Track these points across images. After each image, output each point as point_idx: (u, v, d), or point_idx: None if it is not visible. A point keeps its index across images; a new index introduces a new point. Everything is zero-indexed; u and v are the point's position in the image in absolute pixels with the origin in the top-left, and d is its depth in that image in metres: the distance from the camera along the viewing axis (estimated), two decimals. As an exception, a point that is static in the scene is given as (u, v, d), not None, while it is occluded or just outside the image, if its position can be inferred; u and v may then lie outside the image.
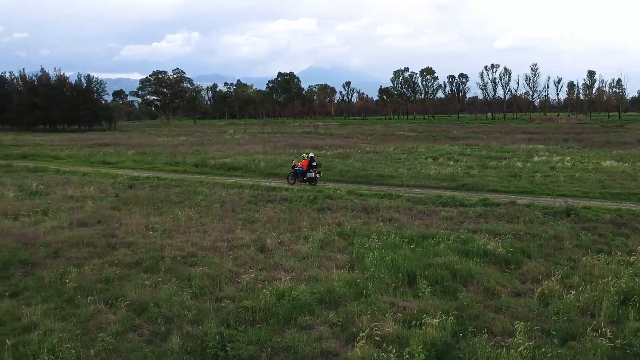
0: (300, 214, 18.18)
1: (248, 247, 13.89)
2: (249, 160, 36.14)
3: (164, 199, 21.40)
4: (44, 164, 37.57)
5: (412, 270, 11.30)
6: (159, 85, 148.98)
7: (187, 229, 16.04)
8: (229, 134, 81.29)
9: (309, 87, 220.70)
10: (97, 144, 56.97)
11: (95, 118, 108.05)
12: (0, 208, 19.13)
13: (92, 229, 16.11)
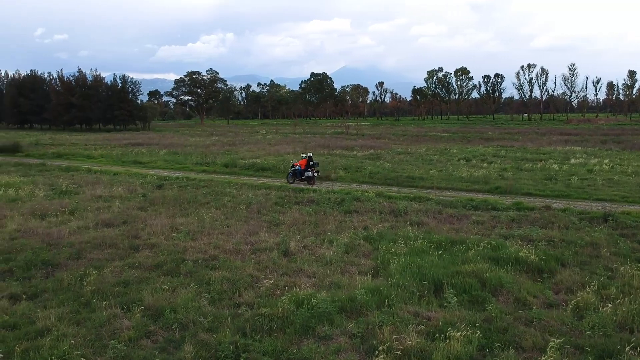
0: (326, 217, 17.83)
1: (271, 250, 13.60)
2: (279, 160, 35.93)
3: (190, 199, 21.30)
4: (77, 163, 38.06)
5: (438, 278, 10.82)
6: (193, 85, 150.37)
7: (211, 231, 15.85)
8: (261, 134, 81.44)
9: (341, 87, 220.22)
10: (130, 144, 57.60)
11: (130, 118, 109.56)
12: (29, 207, 19.27)
13: (117, 230, 16.05)
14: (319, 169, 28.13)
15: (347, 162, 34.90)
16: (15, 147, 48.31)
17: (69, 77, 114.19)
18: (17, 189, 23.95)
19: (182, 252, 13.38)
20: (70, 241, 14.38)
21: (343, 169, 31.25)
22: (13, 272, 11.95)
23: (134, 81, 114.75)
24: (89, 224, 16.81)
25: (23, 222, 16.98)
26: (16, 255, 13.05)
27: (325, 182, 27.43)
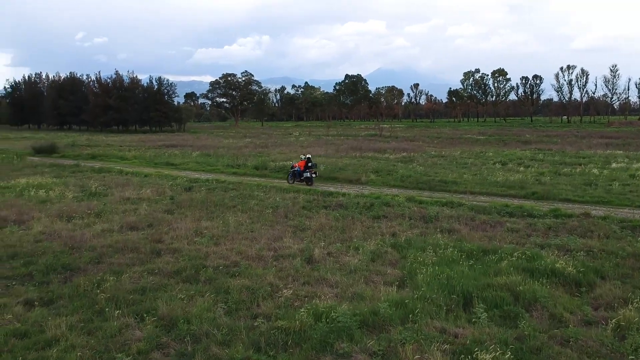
0: (353, 222, 17.31)
1: (295, 257, 13.16)
2: (310, 163, 35.51)
3: (218, 202, 21.05)
4: (110, 165, 38.39)
5: (468, 291, 10.20)
6: (228, 87, 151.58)
7: (235, 236, 15.51)
8: (294, 136, 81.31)
9: (376, 89, 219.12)
10: (164, 145, 58.09)
11: (165, 119, 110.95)
12: (57, 209, 19.29)
13: (141, 234, 15.86)
14: (317, 170, 28.82)
15: (378, 165, 34.29)
16: (52, 148, 49.12)
17: (107, 79, 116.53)
18: (48, 190, 24.11)
19: (204, 258, 13.05)
20: (92, 245, 14.22)
21: (374, 172, 30.63)
22: (33, 276, 11.79)
23: (169, 83, 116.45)
24: (114, 226, 16.68)
25: (49, 224, 16.94)
26: (38, 259, 12.93)
27: (356, 185, 26.90)
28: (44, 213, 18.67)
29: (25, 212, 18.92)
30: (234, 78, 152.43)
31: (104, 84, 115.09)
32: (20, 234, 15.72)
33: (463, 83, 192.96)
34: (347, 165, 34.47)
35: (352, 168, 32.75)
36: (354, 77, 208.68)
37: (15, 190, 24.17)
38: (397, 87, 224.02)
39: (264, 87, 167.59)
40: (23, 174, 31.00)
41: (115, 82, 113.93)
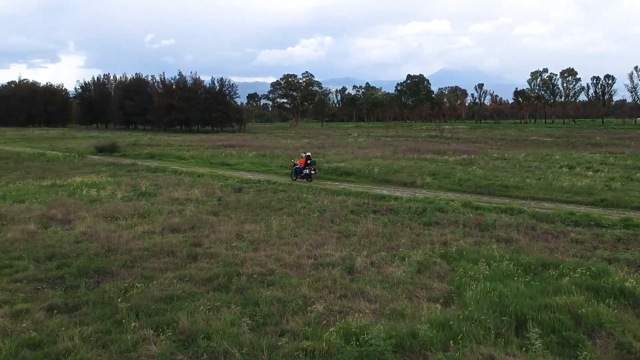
0: (402, 229, 16.31)
1: (335, 266, 12.32)
2: (364, 165, 34.56)
3: (264, 204, 20.48)
4: (167, 164, 38.66)
5: (522, 312, 9.06)
6: (289, 88, 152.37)
7: (277, 241, 14.83)
8: (352, 137, 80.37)
9: (439, 90, 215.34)
10: (222, 145, 58.41)
11: (226, 120, 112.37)
12: (103, 209, 19.18)
13: (181, 236, 15.41)
14: (316, 167, 30.22)
15: (436, 168, 32.97)
16: (113, 147, 50.16)
17: (171, 80, 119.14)
18: (100, 189, 24.25)
19: (240, 265, 12.40)
20: (128, 247, 13.84)
21: (430, 175, 29.37)
22: (64, 280, 11.47)
23: (231, 84, 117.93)
24: (156, 228, 16.33)
25: (92, 224, 16.78)
26: (72, 261, 12.63)
27: (410, 189, 25.78)
28: (91, 213, 18.60)
29: (72, 211, 18.93)
30: (295, 79, 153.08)
31: (168, 85, 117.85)
32: (62, 234, 15.58)
33: (530, 83, 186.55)
34: (403, 167, 33.33)
35: (407, 170, 31.60)
36: (415, 77, 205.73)
37: (69, 189, 24.42)
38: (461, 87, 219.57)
39: (324, 87, 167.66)
40: (80, 173, 31.54)
41: (178, 83, 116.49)
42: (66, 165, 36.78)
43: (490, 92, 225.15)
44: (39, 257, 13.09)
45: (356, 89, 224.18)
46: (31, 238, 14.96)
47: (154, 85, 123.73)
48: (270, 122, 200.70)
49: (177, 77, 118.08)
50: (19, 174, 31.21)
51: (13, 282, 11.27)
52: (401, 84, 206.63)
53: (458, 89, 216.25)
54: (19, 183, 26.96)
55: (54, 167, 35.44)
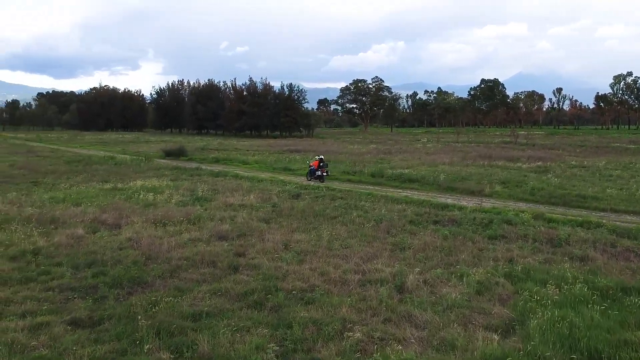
0: (464, 242, 14.94)
1: (384, 283, 11.21)
2: (430, 171, 33.06)
3: (319, 212, 19.56)
4: (230, 169, 38.50)
5: (596, 349, 7.67)
6: (358, 93, 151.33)
7: (325, 252, 13.86)
8: (421, 142, 78.38)
9: (514, 94, 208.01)
10: (289, 150, 58.12)
11: (295, 125, 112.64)
12: (155, 214, 18.79)
13: (227, 245, 14.72)
14: (328, 169, 31.80)
15: (507, 176, 31.02)
16: (180, 151, 50.78)
17: (241, 86, 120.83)
18: (158, 193, 24.09)
19: (281, 279, 11.52)
20: (169, 256, 13.26)
21: (500, 183, 27.56)
22: (97, 289, 10.95)
23: (299, 89, 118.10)
24: (203, 235, 15.73)
25: (140, 229, 16.38)
26: (110, 269, 12.12)
27: (477, 197, 24.17)
28: (142, 217, 18.26)
29: (125, 215, 18.67)
30: (364, 84, 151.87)
31: (239, 91, 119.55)
32: (108, 239, 15.23)
33: (613, 87, 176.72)
34: (471, 174, 31.59)
35: (476, 178, 29.88)
36: (490, 81, 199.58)
37: (127, 193, 24.40)
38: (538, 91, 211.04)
39: (394, 92, 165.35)
40: (144, 176, 31.74)
41: (249, 89, 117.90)
42: (132, 168, 37.26)
43: (570, 97, 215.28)
44: (79, 264, 12.71)
45: (427, 94, 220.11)
46: (76, 243, 14.68)
47: (225, 91, 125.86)
48: (339, 127, 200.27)
49: (247, 83, 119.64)
50: (85, 176, 31.78)
51: (45, 290, 10.86)
52: (475, 88, 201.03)
53: (535, 94, 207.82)
54: (83, 186, 27.32)
55: (120, 170, 35.98)
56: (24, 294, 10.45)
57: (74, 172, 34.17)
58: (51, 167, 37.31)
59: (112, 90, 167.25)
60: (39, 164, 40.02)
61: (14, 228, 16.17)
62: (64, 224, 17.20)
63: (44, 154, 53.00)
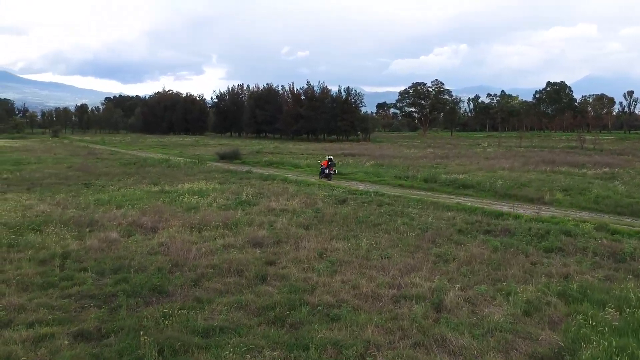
0: (515, 255, 13.69)
1: (420, 300, 10.21)
2: (487, 177, 31.50)
3: (362, 218, 18.63)
4: (281, 172, 38.02)
5: (663, 391, 6.47)
6: (417, 96, 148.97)
7: (362, 262, 12.97)
8: (482, 146, 75.87)
9: (582, 98, 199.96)
10: (343, 154, 57.31)
11: (352, 128, 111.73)
12: (195, 218, 18.37)
13: (260, 252, 14.05)
14: (336, 168, 34.94)
15: (570, 182, 29.12)
16: (234, 154, 50.83)
17: (299, 90, 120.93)
18: (203, 196, 23.77)
19: (309, 292, 10.69)
20: (196, 263, 12.68)
21: (562, 191, 25.80)
22: (116, 298, 10.45)
23: (357, 92, 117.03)
24: (238, 241, 15.10)
25: (175, 234, 15.95)
26: (133, 276, 11.63)
27: (536, 205, 22.64)
28: (181, 221, 17.87)
29: (164, 219, 18.35)
30: (424, 87, 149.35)
31: (297, 94, 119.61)
32: (141, 244, 14.82)
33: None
34: (531, 180, 29.86)
35: (536, 184, 28.18)
36: (556, 84, 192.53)
37: (173, 196, 24.20)
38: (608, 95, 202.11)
39: (454, 95, 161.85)
40: (193, 179, 31.63)
41: (306, 92, 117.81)
42: (184, 171, 37.35)
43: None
44: (104, 269, 12.30)
45: (490, 97, 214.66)
46: (108, 247, 14.33)
47: (283, 94, 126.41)
48: (398, 131, 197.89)
49: (305, 87, 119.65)
50: (136, 178, 31.98)
51: (63, 297, 10.43)
52: (540, 91, 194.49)
53: (604, 97, 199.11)
54: (131, 188, 27.39)
55: (172, 172, 36.10)
56: (39, 301, 10.04)
57: (126, 174, 34.49)
58: (106, 169, 37.90)
59: (174, 94, 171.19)
60: (95, 166, 40.78)
61: (50, 230, 16.04)
62: (101, 226, 16.98)
63: (103, 156, 54.24)
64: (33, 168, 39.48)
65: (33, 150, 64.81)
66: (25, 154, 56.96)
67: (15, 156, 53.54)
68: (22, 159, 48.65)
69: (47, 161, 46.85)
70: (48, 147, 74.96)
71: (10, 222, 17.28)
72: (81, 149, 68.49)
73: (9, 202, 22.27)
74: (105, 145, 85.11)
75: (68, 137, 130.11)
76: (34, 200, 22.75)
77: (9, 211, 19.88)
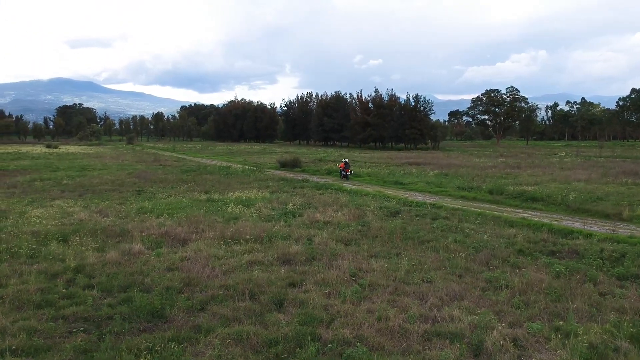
0: (582, 283, 11.61)
1: (457, 339, 8.49)
2: (560, 189, 28.84)
3: (410, 234, 16.89)
4: (336, 181, 36.61)
5: None
6: (491, 104, 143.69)
7: (399, 287, 11.32)
8: (558, 156, 71.61)
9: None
10: (407, 163, 55.41)
11: (420, 137, 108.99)
12: (230, 230, 17.19)
13: (285, 271, 12.64)
14: (352, 169, 40.18)
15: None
16: (295, 162, 49.92)
17: (367, 98, 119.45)
18: (248, 206, 22.71)
19: (326, 324, 9.17)
20: (210, 283, 11.41)
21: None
22: (110, 322, 9.31)
23: (426, 100, 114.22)
24: (267, 258, 13.78)
25: (204, 247, 14.82)
26: (138, 297, 10.48)
27: (612, 222, 20.14)
28: (215, 233, 16.76)
29: (199, 230, 17.36)
30: (498, 94, 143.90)
31: (364, 102, 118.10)
32: (163, 257, 13.75)
33: None
34: (609, 194, 27.05)
35: (614, 198, 25.41)
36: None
37: (218, 205, 23.28)
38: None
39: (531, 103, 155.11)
40: (246, 187, 30.78)
41: (374, 100, 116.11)
42: (239, 179, 36.58)
43: None
44: (113, 286, 11.25)
45: (569, 105, 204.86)
46: (126, 261, 13.34)
47: (351, 102, 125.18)
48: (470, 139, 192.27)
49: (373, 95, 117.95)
50: (190, 186, 31.44)
51: (54, 319, 9.39)
52: (624, 99, 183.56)
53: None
54: (180, 196, 26.77)
55: (227, 180, 35.39)
56: (24, 324, 9.02)
57: (181, 182, 34.07)
58: (163, 177, 37.68)
59: (246, 103, 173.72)
60: (154, 173, 40.76)
61: (76, 240, 15.28)
62: (131, 237, 16.09)
63: (167, 163, 54.70)
64: (94, 174, 39.92)
65: (103, 157, 66.52)
66: (95, 161, 58.37)
67: (85, 162, 54.90)
68: (88, 165, 49.67)
69: (112, 168, 47.52)
70: (118, 153, 76.95)
71: (41, 230, 16.71)
72: (148, 156, 69.69)
73: (53, 209, 22.01)
74: (175, 152, 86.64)
75: (141, 144, 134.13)
76: (78, 207, 22.38)
77: (48, 218, 19.46)
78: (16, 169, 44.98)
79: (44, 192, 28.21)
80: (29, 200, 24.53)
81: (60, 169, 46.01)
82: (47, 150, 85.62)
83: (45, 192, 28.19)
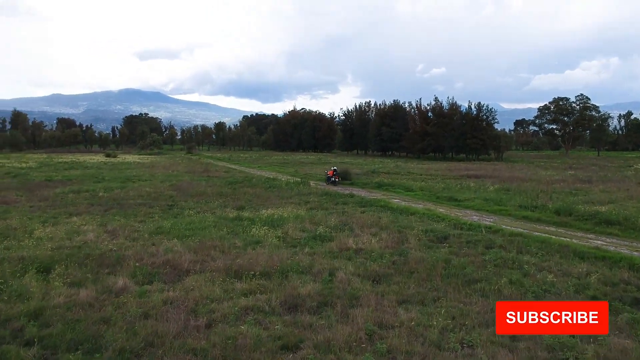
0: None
1: None
2: (638, 210, 24.94)
3: (453, 271, 13.81)
4: (386, 196, 33.57)
5: None
6: (559, 113, 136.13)
7: (427, 355, 8.45)
8: (633, 168, 65.78)
9: None
10: (466, 175, 51.56)
11: (482, 147, 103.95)
12: (242, 260, 14.69)
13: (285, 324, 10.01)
14: (339, 175, 43.19)
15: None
16: (344, 174, 47.14)
17: (426, 106, 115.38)
18: (275, 227, 20.21)
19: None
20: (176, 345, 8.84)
21: None
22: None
23: (489, 109, 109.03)
24: (269, 303, 11.15)
25: (198, 285, 12.35)
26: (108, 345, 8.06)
27: None
28: (224, 263, 14.31)
29: (209, 259, 14.95)
30: (567, 103, 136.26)
31: (423, 111, 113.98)
32: (143, 299, 11.33)
33: None
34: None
35: None
36: None
37: (244, 224, 20.91)
38: None
39: (603, 112, 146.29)
40: (285, 202, 28.39)
41: (434, 109, 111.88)
42: (281, 192, 34.19)
43: None
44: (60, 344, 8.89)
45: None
46: (100, 302, 11.03)
47: (410, 111, 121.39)
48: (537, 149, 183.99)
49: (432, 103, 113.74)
50: (224, 201, 29.25)
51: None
52: None
53: None
54: (209, 213, 24.58)
55: (266, 194, 33.04)
56: None
57: (219, 196, 31.92)
58: (202, 189, 35.62)
59: (305, 112, 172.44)
60: (197, 185, 38.95)
61: (58, 272, 13.13)
62: (125, 267, 13.84)
63: (215, 174, 53.02)
64: (135, 186, 38.43)
65: (155, 167, 65.69)
66: (144, 171, 57.40)
67: (134, 173, 53.89)
68: (134, 176, 48.49)
69: (157, 178, 46.16)
70: (172, 163, 76.26)
71: (29, 256, 14.68)
72: (200, 166, 68.48)
73: (66, 226, 20.23)
74: (229, 162, 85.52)
75: (200, 153, 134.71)
76: (92, 226, 20.50)
77: (52, 239, 17.56)
78: (61, 180, 44.18)
79: (70, 207, 26.62)
80: (46, 217, 22.87)
81: (105, 179, 45.01)
82: (104, 160, 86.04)
83: (72, 207, 26.59)
